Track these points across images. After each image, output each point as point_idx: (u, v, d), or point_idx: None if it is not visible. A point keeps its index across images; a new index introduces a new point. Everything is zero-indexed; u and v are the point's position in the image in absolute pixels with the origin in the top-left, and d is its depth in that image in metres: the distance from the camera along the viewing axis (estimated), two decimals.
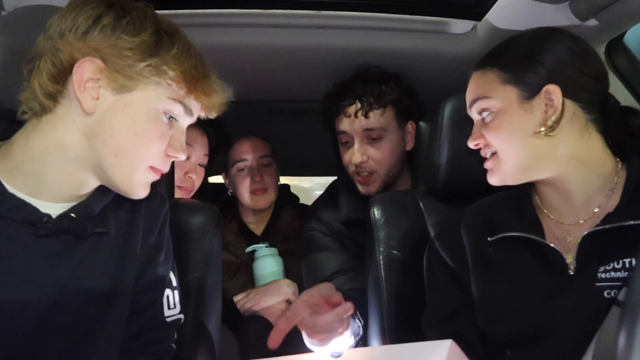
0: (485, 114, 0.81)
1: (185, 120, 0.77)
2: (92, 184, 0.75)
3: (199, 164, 1.48)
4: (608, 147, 0.80)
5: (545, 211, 0.84)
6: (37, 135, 0.71)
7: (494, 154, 0.81)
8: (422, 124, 1.40)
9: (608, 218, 0.75)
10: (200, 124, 1.49)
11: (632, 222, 0.72)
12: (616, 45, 1.15)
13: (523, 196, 0.87)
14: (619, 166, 0.80)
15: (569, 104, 0.76)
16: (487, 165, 0.83)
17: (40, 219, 0.70)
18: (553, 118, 0.76)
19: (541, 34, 0.81)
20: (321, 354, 0.94)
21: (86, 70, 0.68)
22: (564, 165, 0.78)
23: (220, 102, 0.80)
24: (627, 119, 0.81)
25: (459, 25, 1.27)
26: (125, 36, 0.68)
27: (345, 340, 0.99)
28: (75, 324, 0.73)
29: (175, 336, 0.87)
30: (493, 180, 0.83)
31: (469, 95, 0.85)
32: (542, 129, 0.76)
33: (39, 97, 0.69)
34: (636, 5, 0.94)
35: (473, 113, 0.85)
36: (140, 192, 0.75)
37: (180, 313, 0.87)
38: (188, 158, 1.44)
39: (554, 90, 0.76)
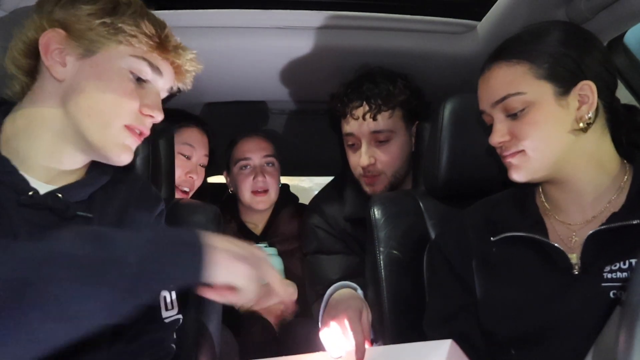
0: (515, 110, 0.78)
1: (157, 81, 0.80)
2: (76, 157, 0.77)
3: (200, 164, 1.48)
4: (615, 146, 0.80)
5: (550, 211, 0.84)
6: (21, 113, 0.76)
7: (520, 151, 0.79)
8: (422, 123, 1.40)
9: (613, 217, 0.75)
10: (200, 124, 1.50)
11: (637, 222, 0.72)
12: (616, 45, 1.15)
13: (526, 196, 0.87)
14: (626, 166, 0.80)
15: (598, 101, 0.76)
16: (512, 161, 0.80)
17: (27, 190, 0.73)
18: (590, 114, 0.75)
19: (572, 30, 0.80)
20: (321, 355, 0.94)
21: (50, 40, 0.73)
22: (583, 164, 0.78)
23: (188, 61, 0.83)
24: (630, 117, 0.81)
25: (459, 25, 1.27)
26: (84, 5, 0.74)
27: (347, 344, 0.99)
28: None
29: (175, 336, 0.87)
30: (519, 176, 0.80)
31: (493, 92, 0.80)
32: (581, 124, 0.75)
33: (15, 76, 0.75)
34: (636, 5, 0.94)
35: (497, 110, 0.80)
36: (120, 154, 0.77)
37: (178, 313, 0.87)
38: (189, 158, 1.45)
39: (590, 87, 0.75)
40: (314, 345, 1.12)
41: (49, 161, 0.76)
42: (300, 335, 1.31)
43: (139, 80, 0.77)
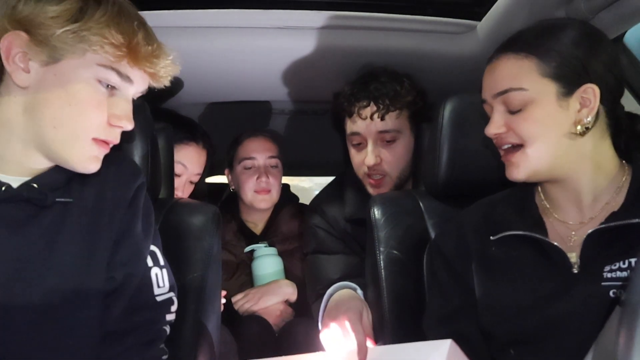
0: (516, 104, 0.77)
1: (128, 89, 0.76)
2: (44, 161, 0.75)
3: (189, 181, 1.45)
4: (615, 149, 0.80)
5: (550, 210, 0.84)
6: None
7: (518, 148, 0.78)
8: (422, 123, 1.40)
9: (613, 217, 0.75)
10: (201, 140, 1.46)
11: (637, 221, 0.72)
12: (616, 45, 1.15)
13: (526, 195, 0.87)
14: (625, 167, 0.80)
15: (599, 105, 0.76)
16: (512, 159, 0.79)
17: None
18: (589, 118, 0.75)
19: (586, 31, 0.79)
20: (321, 355, 0.94)
21: (12, 43, 0.69)
22: (581, 166, 0.78)
23: (164, 67, 0.78)
24: (631, 126, 0.81)
25: (459, 25, 1.27)
26: (49, 6, 0.69)
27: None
28: (45, 295, 0.72)
29: (168, 318, 0.86)
30: (518, 175, 0.79)
31: (496, 84, 0.79)
32: (579, 128, 0.75)
33: None
34: (636, 5, 0.94)
35: (497, 102, 0.80)
36: (88, 165, 0.75)
37: (170, 291, 0.86)
38: (178, 176, 1.40)
39: (594, 91, 0.75)
40: (314, 345, 1.12)
41: (20, 164, 0.74)
42: (300, 335, 1.31)
43: (108, 87, 0.74)
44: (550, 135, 0.76)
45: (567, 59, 0.75)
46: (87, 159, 0.75)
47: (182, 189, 1.43)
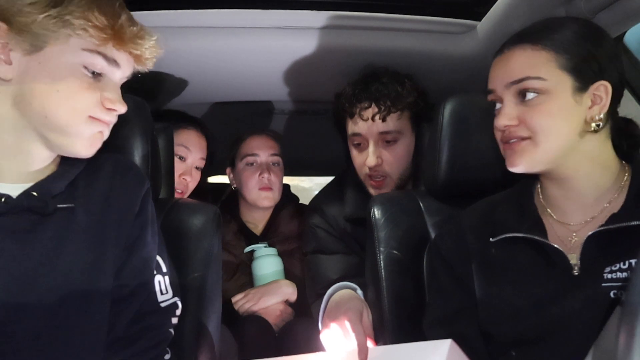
0: (530, 95, 0.76)
1: (115, 74, 0.75)
2: (42, 154, 0.74)
3: (195, 167, 1.47)
4: (615, 149, 0.80)
5: (549, 211, 0.83)
6: None
7: (526, 138, 0.78)
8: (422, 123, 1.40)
9: (613, 218, 0.74)
10: (199, 127, 1.50)
11: (637, 223, 0.72)
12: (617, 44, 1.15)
13: (525, 196, 0.87)
14: (625, 167, 0.80)
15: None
16: (516, 147, 0.78)
17: None
18: (601, 115, 0.75)
19: (597, 29, 0.79)
20: (321, 355, 0.94)
21: None
22: (584, 165, 0.78)
23: (149, 48, 0.76)
24: (627, 130, 0.82)
25: (459, 25, 1.27)
26: None
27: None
28: (54, 301, 0.71)
29: (174, 321, 0.86)
30: (520, 164, 0.78)
31: (512, 72, 0.78)
32: (593, 125, 0.75)
33: None
34: (636, 5, 0.94)
35: (510, 92, 0.78)
36: (92, 144, 0.73)
37: (174, 297, 0.86)
38: (184, 160, 1.44)
39: (606, 88, 0.75)
40: (314, 345, 1.12)
41: (15, 163, 0.72)
42: (300, 335, 1.31)
43: (95, 74, 0.72)
44: (562, 129, 0.76)
45: (585, 55, 0.75)
46: (88, 139, 0.73)
47: (190, 174, 1.45)
